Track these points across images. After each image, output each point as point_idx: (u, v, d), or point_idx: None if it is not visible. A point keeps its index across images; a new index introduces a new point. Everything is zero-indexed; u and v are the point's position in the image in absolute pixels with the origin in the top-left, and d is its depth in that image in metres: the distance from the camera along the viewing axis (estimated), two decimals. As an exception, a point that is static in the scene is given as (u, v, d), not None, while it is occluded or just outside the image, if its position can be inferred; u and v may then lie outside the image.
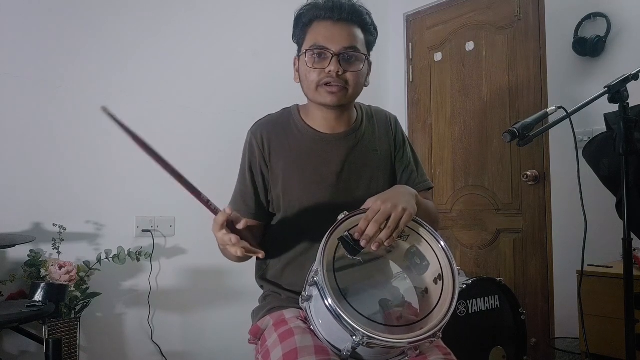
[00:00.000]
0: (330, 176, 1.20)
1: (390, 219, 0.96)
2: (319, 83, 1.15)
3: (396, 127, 1.33)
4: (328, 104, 1.17)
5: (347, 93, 1.16)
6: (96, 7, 2.10)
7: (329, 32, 1.14)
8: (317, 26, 1.16)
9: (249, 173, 1.23)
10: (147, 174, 2.20)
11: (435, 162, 3.02)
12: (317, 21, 1.16)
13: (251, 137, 1.24)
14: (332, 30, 1.14)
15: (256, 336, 1.16)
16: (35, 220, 1.89)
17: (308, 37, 1.17)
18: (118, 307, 2.11)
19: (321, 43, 1.14)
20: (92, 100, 2.07)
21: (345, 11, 1.14)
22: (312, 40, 1.15)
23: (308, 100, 1.24)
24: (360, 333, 0.84)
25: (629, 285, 1.23)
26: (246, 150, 1.25)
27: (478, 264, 2.77)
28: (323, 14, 1.15)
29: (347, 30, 1.15)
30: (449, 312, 0.91)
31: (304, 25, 1.18)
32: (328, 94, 1.15)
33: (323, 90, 1.15)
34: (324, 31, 1.14)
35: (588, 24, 2.30)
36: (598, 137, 1.73)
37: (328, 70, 1.13)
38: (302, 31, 1.19)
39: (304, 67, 1.17)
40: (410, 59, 3.18)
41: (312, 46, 1.15)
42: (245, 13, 2.57)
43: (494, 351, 2.01)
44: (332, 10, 1.14)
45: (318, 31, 1.15)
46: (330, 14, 1.14)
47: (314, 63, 1.15)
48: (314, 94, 1.17)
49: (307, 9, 1.18)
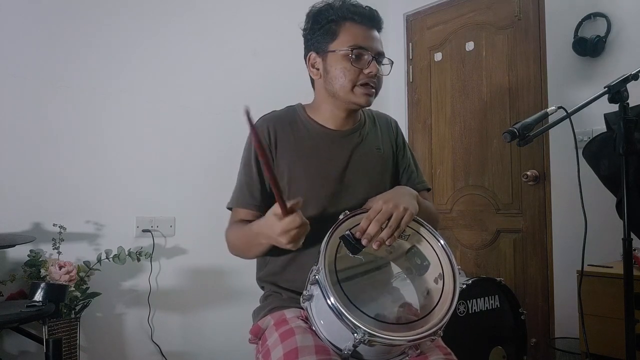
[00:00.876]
0: (335, 172, 1.20)
1: (391, 218, 0.98)
2: (357, 83, 1.16)
3: (397, 130, 1.36)
4: (363, 104, 1.19)
5: (375, 95, 1.21)
6: (96, 7, 2.10)
7: (366, 34, 1.17)
8: (352, 26, 1.17)
9: (255, 164, 1.20)
10: (147, 174, 2.21)
11: (435, 162, 3.02)
12: (350, 22, 1.17)
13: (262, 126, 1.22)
14: (369, 34, 1.17)
15: (257, 336, 1.16)
16: (35, 220, 1.89)
17: (342, 35, 1.16)
18: (118, 307, 2.11)
19: (361, 44, 1.15)
20: (92, 100, 2.07)
21: (377, 21, 1.20)
22: (351, 40, 1.16)
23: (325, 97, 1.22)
24: (362, 330, 0.84)
25: (629, 285, 1.23)
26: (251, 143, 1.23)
27: (478, 264, 2.77)
28: (358, 19, 1.17)
29: (378, 37, 1.20)
30: (449, 311, 0.92)
31: (333, 23, 1.17)
32: (364, 95, 1.17)
33: (360, 90, 1.17)
34: (361, 33, 1.17)
35: (588, 24, 2.30)
36: (598, 137, 1.73)
37: (368, 71, 1.15)
38: (329, 29, 1.18)
39: (340, 64, 1.16)
40: (410, 59, 3.18)
41: (353, 46, 1.15)
42: (245, 13, 2.57)
43: (494, 351, 2.01)
44: (369, 19, 1.18)
45: (355, 32, 1.16)
46: (366, 20, 1.17)
47: (353, 62, 1.15)
48: (347, 93, 1.17)
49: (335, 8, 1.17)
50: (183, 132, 2.32)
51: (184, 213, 2.30)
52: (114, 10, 2.15)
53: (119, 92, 2.14)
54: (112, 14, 2.14)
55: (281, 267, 1.21)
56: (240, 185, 1.23)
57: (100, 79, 2.10)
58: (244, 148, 1.26)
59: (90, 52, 2.08)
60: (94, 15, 2.09)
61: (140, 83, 2.21)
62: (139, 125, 2.19)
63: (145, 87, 2.22)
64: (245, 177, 1.22)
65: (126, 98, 2.16)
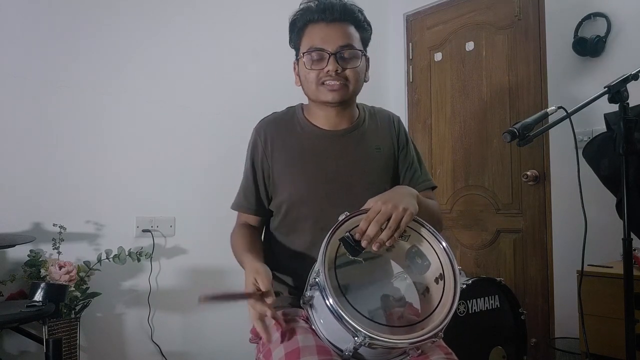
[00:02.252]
0: (333, 172, 1.20)
1: (391, 219, 0.97)
2: (319, 82, 1.17)
3: (399, 126, 1.34)
4: (330, 101, 1.18)
5: (348, 90, 1.19)
6: (96, 7, 2.10)
7: (323, 33, 1.17)
8: (311, 29, 1.18)
9: (251, 170, 1.26)
10: (147, 174, 2.21)
11: (435, 162, 3.02)
12: (311, 24, 1.18)
13: (255, 135, 1.27)
14: (326, 31, 1.17)
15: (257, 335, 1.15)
16: (35, 220, 1.89)
17: (304, 40, 1.20)
18: (118, 307, 2.11)
19: (317, 45, 1.16)
20: (92, 100, 2.07)
21: (337, 11, 1.16)
22: (309, 43, 1.18)
23: (310, 101, 1.25)
24: (362, 334, 0.84)
25: (629, 285, 1.23)
26: (249, 148, 1.28)
27: (478, 264, 2.77)
28: (316, 17, 1.17)
29: (341, 30, 1.17)
30: (450, 312, 0.91)
31: (298, 30, 1.21)
32: (329, 92, 1.17)
33: (324, 88, 1.17)
34: (318, 33, 1.17)
35: (588, 24, 2.30)
36: (598, 137, 1.73)
37: (327, 70, 1.15)
38: (298, 36, 1.21)
39: (303, 69, 1.19)
40: (410, 59, 3.18)
41: (309, 49, 1.17)
42: (245, 13, 2.57)
43: (494, 351, 2.01)
44: (324, 12, 1.16)
45: (313, 33, 1.18)
46: (322, 15, 1.16)
47: (312, 64, 1.17)
48: (315, 93, 1.19)
49: (300, 13, 1.20)
50: (183, 133, 2.32)
51: (184, 213, 2.30)
52: (114, 10, 2.15)
53: (119, 92, 2.14)
54: (112, 14, 2.14)
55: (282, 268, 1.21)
56: (240, 189, 1.30)
57: (100, 79, 2.10)
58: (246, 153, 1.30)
59: (90, 52, 2.07)
60: (94, 15, 2.09)
61: (140, 83, 2.21)
62: (139, 126, 2.19)
63: (145, 87, 2.22)
64: (243, 181, 1.29)
65: (126, 98, 2.16)
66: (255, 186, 1.25)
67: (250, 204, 1.26)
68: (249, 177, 1.26)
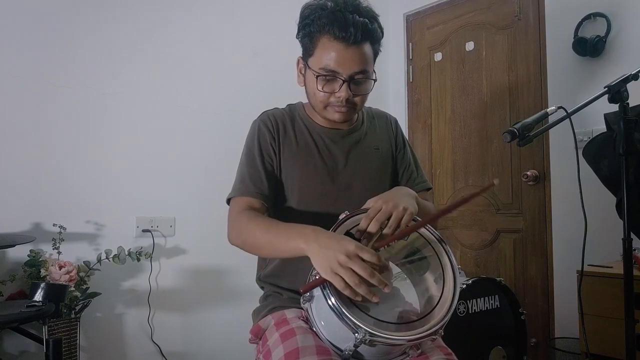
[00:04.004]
0: (332, 170, 1.21)
1: (391, 218, 0.98)
2: (327, 104, 1.15)
3: (396, 128, 1.35)
4: (336, 120, 1.18)
5: (354, 112, 1.19)
6: (96, 8, 2.10)
7: (340, 57, 1.08)
8: (327, 44, 1.09)
9: (259, 157, 1.19)
10: (147, 174, 2.21)
11: (435, 162, 3.02)
12: (327, 37, 1.08)
13: (260, 123, 1.22)
14: (344, 54, 1.08)
15: (257, 336, 1.16)
16: (35, 220, 1.89)
17: (317, 51, 1.11)
18: (118, 307, 2.11)
19: (332, 67, 1.09)
20: (92, 100, 2.07)
21: (359, 32, 1.07)
22: (322, 60, 1.10)
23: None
24: (363, 330, 0.84)
25: (629, 285, 1.23)
26: (255, 135, 1.21)
27: (478, 264, 2.77)
28: (337, 34, 1.07)
29: (358, 53, 1.09)
30: (450, 311, 0.92)
31: (312, 33, 1.12)
32: (336, 113, 1.16)
33: (331, 109, 1.16)
34: (335, 55, 1.08)
35: (588, 24, 2.30)
36: (598, 137, 1.73)
37: (338, 95, 1.12)
38: (310, 39, 1.13)
39: (313, 83, 1.13)
40: (410, 59, 3.18)
41: (323, 69, 1.10)
42: (245, 13, 2.57)
43: (494, 351, 2.01)
44: (345, 31, 1.06)
45: (329, 53, 1.09)
46: (343, 34, 1.06)
47: (324, 86, 1.12)
48: (320, 110, 1.18)
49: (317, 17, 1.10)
50: (183, 132, 2.32)
51: (184, 213, 2.30)
52: (114, 10, 2.15)
53: (119, 92, 2.14)
54: (112, 14, 2.14)
55: (282, 268, 1.20)
56: (243, 176, 1.19)
57: (100, 79, 2.10)
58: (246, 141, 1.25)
59: (90, 52, 2.08)
60: (93, 16, 2.09)
61: (140, 83, 2.21)
62: (139, 126, 2.19)
63: (145, 87, 2.22)
64: (249, 167, 1.19)
65: (126, 98, 2.16)
66: (266, 171, 1.18)
67: (259, 189, 1.15)
68: (256, 162, 1.18)
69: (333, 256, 0.87)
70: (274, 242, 1.02)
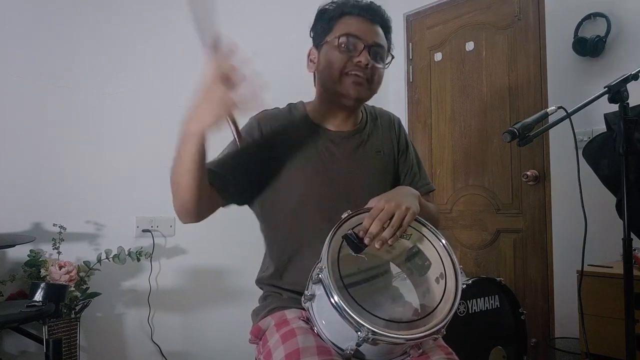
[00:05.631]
0: (333, 173, 1.20)
1: (393, 217, 0.98)
2: (345, 71, 1.14)
3: (400, 129, 1.34)
4: (351, 94, 1.15)
5: (369, 87, 1.17)
6: (96, 7, 2.10)
7: (362, 26, 1.15)
8: (349, 19, 1.16)
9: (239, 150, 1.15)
10: (147, 174, 2.20)
11: (435, 162, 3.02)
12: (348, 15, 1.17)
13: (254, 122, 1.19)
14: (365, 25, 1.16)
15: (257, 336, 1.16)
16: (35, 220, 1.89)
17: (337, 27, 1.16)
18: (118, 307, 2.11)
19: (354, 32, 1.14)
20: (92, 100, 2.07)
21: (380, 16, 1.18)
22: (344, 29, 1.15)
23: (322, 92, 1.22)
24: (365, 329, 0.84)
25: (629, 285, 1.23)
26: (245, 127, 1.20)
27: (478, 264, 2.77)
28: (357, 11, 1.16)
29: (378, 31, 1.18)
30: (452, 310, 0.92)
31: (330, 18, 1.18)
32: (352, 84, 1.14)
33: (348, 80, 1.14)
34: (357, 24, 1.16)
35: (588, 24, 2.30)
36: (598, 137, 1.73)
37: (357, 60, 1.13)
38: (328, 23, 1.19)
39: (331, 52, 1.15)
40: (410, 59, 3.18)
41: (344, 34, 1.14)
42: (245, 13, 2.57)
43: (494, 351, 2.01)
44: (366, 11, 1.16)
45: (351, 23, 1.16)
46: (364, 13, 1.16)
47: (344, 50, 1.14)
48: (335, 83, 1.15)
49: (337, 4, 1.18)
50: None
51: (184, 213, 2.29)
52: (114, 10, 2.15)
53: (119, 92, 2.14)
54: (111, 13, 2.14)
55: (282, 268, 1.20)
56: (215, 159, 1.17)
57: (100, 79, 2.10)
58: None
59: (90, 52, 2.07)
60: (93, 15, 2.09)
61: (140, 83, 2.21)
62: (139, 125, 2.19)
63: (145, 87, 2.22)
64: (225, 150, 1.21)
65: (126, 98, 2.16)
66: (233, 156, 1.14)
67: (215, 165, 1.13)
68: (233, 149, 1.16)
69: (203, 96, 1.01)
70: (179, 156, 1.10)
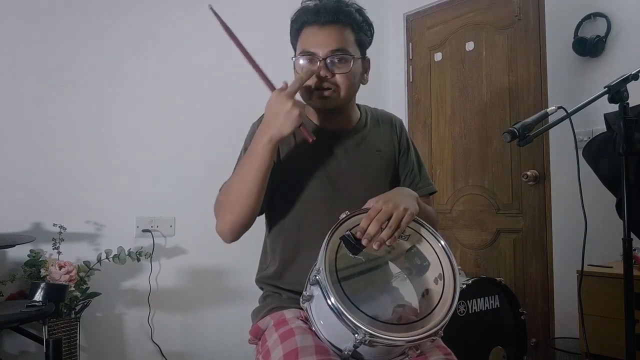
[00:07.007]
0: (332, 171, 1.20)
1: (391, 218, 0.97)
2: (311, 89, 1.15)
3: (401, 130, 1.34)
4: (320, 108, 1.19)
5: (339, 95, 1.16)
6: (96, 7, 2.10)
7: (315, 37, 1.14)
8: (306, 31, 1.16)
9: None
10: (147, 174, 2.21)
11: (435, 162, 3.02)
12: (306, 26, 1.16)
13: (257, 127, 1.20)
14: (318, 34, 1.14)
15: (256, 336, 1.16)
16: (35, 220, 1.89)
17: (299, 42, 1.18)
18: (118, 307, 2.11)
19: (308, 48, 1.14)
20: (92, 100, 2.07)
21: (330, 13, 1.13)
22: (302, 46, 1.17)
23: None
24: (363, 331, 0.84)
25: (629, 285, 1.23)
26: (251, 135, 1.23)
27: (478, 264, 2.77)
28: (311, 19, 1.14)
29: (334, 33, 1.14)
30: (449, 312, 0.92)
31: (296, 31, 1.20)
32: (319, 99, 1.16)
33: (315, 94, 1.16)
34: (311, 36, 1.15)
35: (588, 24, 2.30)
36: (598, 137, 1.73)
37: (318, 75, 1.13)
38: (295, 36, 1.21)
39: (298, 70, 1.18)
40: (410, 59, 3.18)
41: (301, 52, 1.16)
42: (245, 13, 2.57)
43: (494, 351, 2.01)
44: (317, 14, 1.13)
45: (306, 37, 1.16)
46: (316, 17, 1.14)
47: (303, 69, 1.15)
48: (307, 100, 1.18)
49: (298, 14, 1.18)
50: (183, 132, 2.32)
51: (184, 213, 2.30)
52: (114, 10, 2.15)
53: (119, 91, 2.14)
54: (111, 13, 2.14)
55: (281, 268, 1.20)
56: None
57: (100, 79, 2.10)
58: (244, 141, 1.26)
59: (90, 52, 2.08)
60: (93, 15, 2.09)
61: (140, 83, 2.21)
62: (139, 125, 2.19)
63: (145, 87, 2.22)
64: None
65: (126, 98, 2.16)
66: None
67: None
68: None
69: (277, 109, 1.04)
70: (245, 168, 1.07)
